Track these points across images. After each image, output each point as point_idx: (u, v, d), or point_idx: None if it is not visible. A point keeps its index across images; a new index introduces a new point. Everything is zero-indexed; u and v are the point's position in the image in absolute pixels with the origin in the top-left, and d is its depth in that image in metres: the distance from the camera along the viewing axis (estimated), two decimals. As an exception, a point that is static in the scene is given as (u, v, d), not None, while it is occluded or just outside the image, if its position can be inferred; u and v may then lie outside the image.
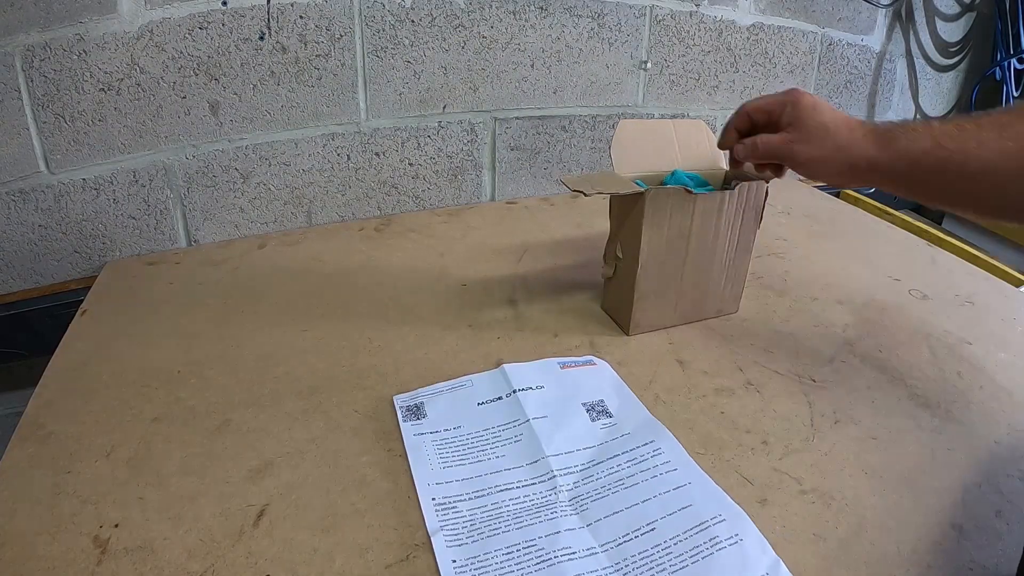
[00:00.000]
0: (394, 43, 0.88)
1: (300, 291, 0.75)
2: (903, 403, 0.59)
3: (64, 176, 0.78)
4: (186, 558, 0.42)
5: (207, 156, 0.84)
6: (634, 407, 0.57)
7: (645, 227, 0.61)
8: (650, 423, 0.55)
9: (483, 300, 0.74)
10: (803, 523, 0.46)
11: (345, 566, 0.42)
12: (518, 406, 0.56)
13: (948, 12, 1.30)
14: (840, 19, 1.18)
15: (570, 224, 0.94)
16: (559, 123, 1.03)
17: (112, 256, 0.83)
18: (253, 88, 0.83)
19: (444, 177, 0.99)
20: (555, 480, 0.49)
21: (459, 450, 0.52)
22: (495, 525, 0.45)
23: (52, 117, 0.74)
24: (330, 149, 0.90)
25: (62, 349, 0.64)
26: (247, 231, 0.90)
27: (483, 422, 0.54)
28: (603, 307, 0.72)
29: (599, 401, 0.57)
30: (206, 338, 0.65)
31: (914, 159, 0.49)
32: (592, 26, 0.98)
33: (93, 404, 0.56)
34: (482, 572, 0.42)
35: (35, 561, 0.41)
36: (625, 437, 0.53)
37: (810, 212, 1.01)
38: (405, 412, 0.55)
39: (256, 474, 0.49)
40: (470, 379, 0.59)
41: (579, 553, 0.43)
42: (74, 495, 0.47)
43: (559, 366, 0.61)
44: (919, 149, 0.48)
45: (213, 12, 0.77)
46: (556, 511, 0.46)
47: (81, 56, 0.73)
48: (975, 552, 0.44)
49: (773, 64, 1.15)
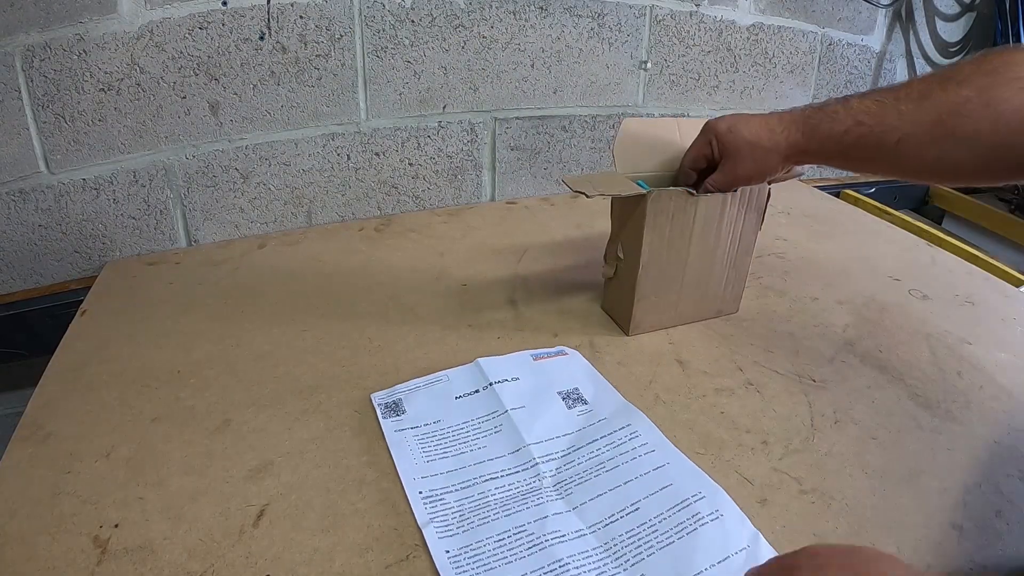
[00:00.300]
0: (394, 43, 0.88)
1: (300, 291, 0.75)
2: (903, 403, 0.59)
3: (64, 176, 0.78)
4: (186, 558, 0.42)
5: (207, 156, 0.84)
6: (608, 393, 0.58)
7: (647, 228, 0.61)
8: (625, 408, 0.56)
9: (483, 300, 0.74)
10: (803, 523, 0.46)
11: (345, 566, 0.42)
12: (495, 398, 0.56)
13: (948, 12, 1.30)
14: (840, 19, 1.18)
15: (570, 224, 0.94)
16: (559, 123, 1.03)
17: (112, 256, 0.83)
18: (253, 88, 0.83)
19: (444, 177, 0.99)
20: (538, 467, 0.50)
21: (441, 443, 0.52)
22: (484, 514, 0.46)
23: (52, 117, 0.74)
24: (330, 149, 0.90)
25: (62, 349, 0.64)
26: (247, 231, 0.90)
27: (462, 415, 0.55)
28: (603, 307, 0.72)
29: (574, 389, 0.58)
30: (206, 338, 0.65)
31: (837, 139, 0.54)
32: (592, 26, 0.98)
33: (93, 404, 0.56)
34: (476, 560, 0.42)
35: (35, 561, 0.41)
36: (602, 422, 0.54)
37: (810, 212, 1.01)
38: (384, 409, 0.56)
39: (256, 474, 0.49)
40: (446, 374, 0.60)
41: (568, 536, 0.44)
42: (74, 495, 0.47)
43: (532, 358, 0.62)
44: (840, 129, 0.54)
45: (213, 12, 0.77)
46: (542, 497, 0.47)
47: (81, 56, 0.73)
48: (975, 552, 0.44)
49: (773, 64, 1.15)
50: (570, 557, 0.42)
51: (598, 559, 0.42)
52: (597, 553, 0.43)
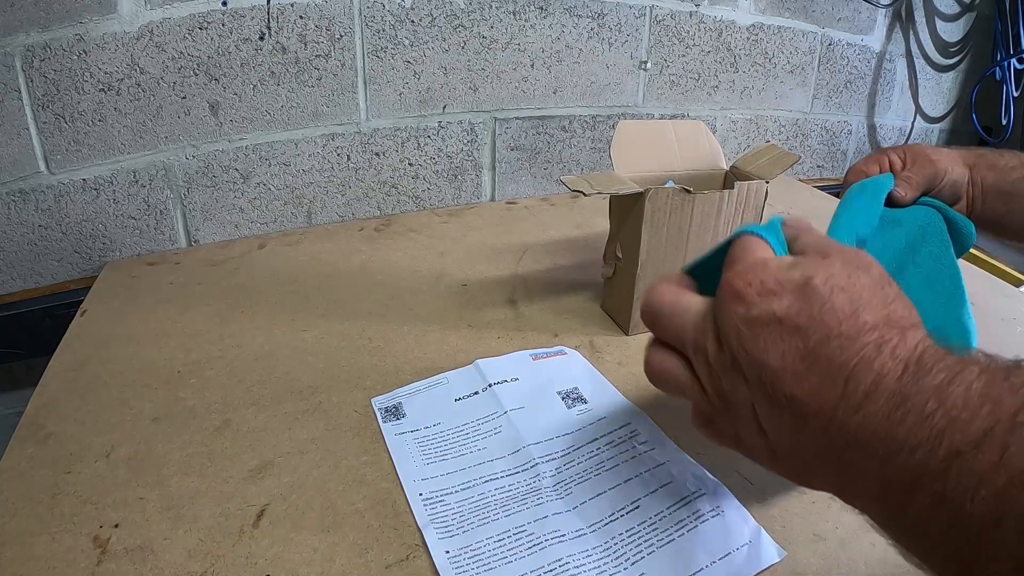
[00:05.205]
0: (394, 43, 0.88)
1: (300, 291, 0.75)
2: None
3: (64, 176, 0.78)
4: (186, 558, 0.42)
5: (207, 156, 0.84)
6: (608, 393, 0.58)
7: (644, 227, 0.61)
8: (625, 407, 0.56)
9: (483, 300, 0.74)
10: (803, 523, 0.46)
11: (345, 566, 0.42)
12: (495, 399, 0.56)
13: (948, 12, 1.30)
14: (840, 19, 1.18)
15: (570, 224, 0.94)
16: (559, 123, 1.03)
17: (112, 256, 0.83)
18: (253, 88, 0.83)
19: (444, 177, 0.99)
20: (537, 467, 0.50)
21: (441, 446, 0.52)
22: (483, 515, 0.46)
23: (52, 117, 0.74)
24: (330, 149, 0.90)
25: (62, 349, 0.64)
26: (247, 231, 0.90)
27: (462, 417, 0.55)
28: (603, 307, 0.72)
29: (573, 389, 0.58)
30: (206, 338, 0.65)
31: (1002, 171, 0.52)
32: (592, 26, 0.98)
33: (93, 404, 0.56)
34: (476, 560, 0.42)
35: (35, 561, 0.41)
36: (602, 422, 0.54)
37: (809, 211, 1.00)
38: (384, 413, 0.56)
39: (256, 474, 0.49)
40: (445, 376, 0.60)
41: (568, 535, 0.44)
42: (74, 495, 0.47)
43: (531, 358, 0.62)
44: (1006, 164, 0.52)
45: (213, 12, 0.77)
46: (541, 497, 0.47)
47: (81, 56, 0.73)
48: (975, 552, 0.44)
49: (773, 64, 1.15)
50: (570, 556, 0.42)
51: (598, 558, 0.42)
52: (597, 552, 0.43)
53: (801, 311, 0.26)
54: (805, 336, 0.26)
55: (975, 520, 0.22)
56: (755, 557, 0.42)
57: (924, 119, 1.41)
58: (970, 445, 0.23)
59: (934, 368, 0.25)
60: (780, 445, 0.29)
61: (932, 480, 0.23)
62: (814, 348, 0.26)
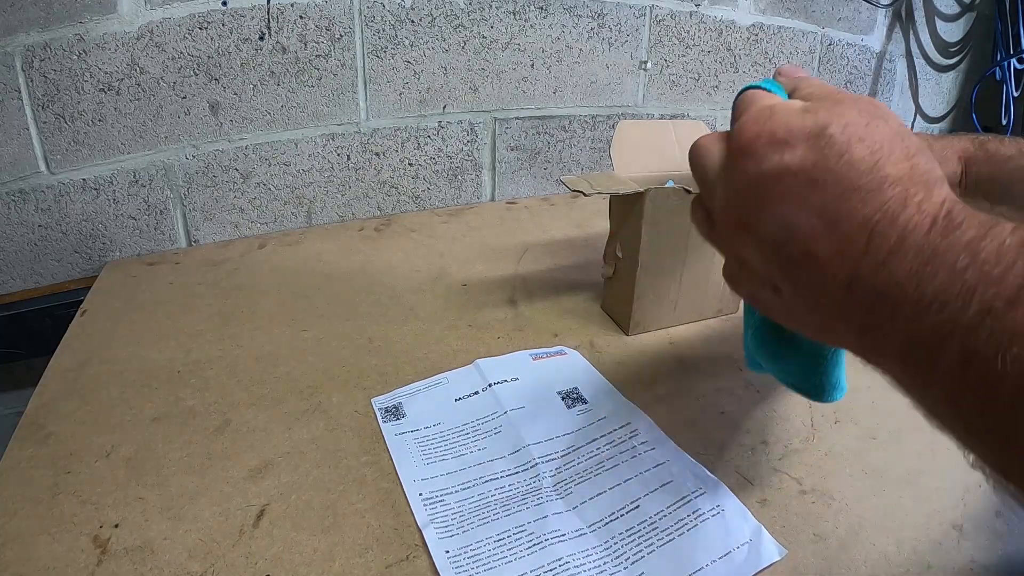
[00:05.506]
0: (394, 43, 0.88)
1: (300, 291, 0.75)
2: (903, 403, 0.59)
3: (64, 176, 0.78)
4: (186, 558, 0.42)
5: (207, 156, 0.84)
6: (608, 392, 0.58)
7: (644, 227, 0.61)
8: (625, 406, 0.56)
9: (483, 300, 0.74)
10: (803, 523, 0.46)
11: (345, 566, 0.42)
12: (495, 399, 0.56)
13: (948, 12, 1.30)
14: (840, 19, 1.18)
15: (570, 224, 0.94)
16: (559, 123, 1.03)
17: (112, 256, 0.83)
18: (253, 88, 0.83)
19: (444, 177, 0.99)
20: (537, 468, 0.50)
21: (441, 446, 0.52)
22: (483, 515, 0.46)
23: (52, 117, 0.74)
24: (330, 149, 0.90)
25: (62, 349, 0.64)
26: (247, 231, 0.90)
27: (462, 417, 0.55)
28: (603, 307, 0.72)
29: (573, 389, 0.58)
30: (206, 338, 0.65)
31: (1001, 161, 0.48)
32: (592, 26, 0.98)
33: (93, 404, 0.56)
34: (476, 559, 0.42)
35: (35, 561, 0.41)
36: (602, 421, 0.54)
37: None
38: (384, 413, 0.56)
39: (256, 474, 0.49)
40: (445, 376, 0.60)
41: (568, 535, 0.44)
42: (74, 495, 0.47)
43: (531, 358, 0.62)
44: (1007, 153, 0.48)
45: (213, 12, 0.77)
46: (541, 497, 0.47)
47: (81, 56, 0.73)
48: (975, 552, 0.44)
49: (773, 64, 1.15)
50: (570, 556, 0.42)
51: (598, 557, 0.42)
52: (597, 552, 0.43)
53: (817, 163, 0.25)
54: (823, 190, 0.25)
55: (1007, 380, 0.21)
56: (755, 556, 0.42)
57: (924, 119, 1.42)
58: (1003, 301, 0.21)
59: (964, 223, 0.23)
60: (796, 303, 0.28)
61: (962, 337, 0.22)
62: (833, 203, 0.24)
